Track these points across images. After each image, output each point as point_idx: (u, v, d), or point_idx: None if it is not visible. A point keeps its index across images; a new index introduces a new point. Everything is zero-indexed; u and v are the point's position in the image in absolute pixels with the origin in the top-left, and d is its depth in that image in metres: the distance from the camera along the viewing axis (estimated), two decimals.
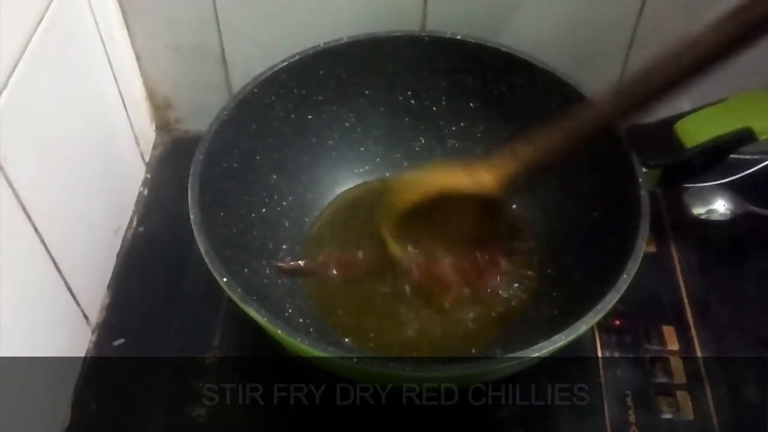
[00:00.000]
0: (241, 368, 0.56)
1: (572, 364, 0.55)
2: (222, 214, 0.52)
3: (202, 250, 0.46)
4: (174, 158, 0.70)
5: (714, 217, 0.63)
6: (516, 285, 0.57)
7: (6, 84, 0.44)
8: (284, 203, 0.60)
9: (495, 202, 0.52)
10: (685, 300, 0.59)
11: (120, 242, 0.63)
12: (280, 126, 0.58)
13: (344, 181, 0.63)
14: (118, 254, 0.63)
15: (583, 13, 0.61)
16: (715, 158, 0.52)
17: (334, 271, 0.57)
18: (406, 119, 0.63)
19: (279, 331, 0.43)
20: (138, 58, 0.66)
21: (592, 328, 0.45)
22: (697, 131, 0.51)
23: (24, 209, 0.46)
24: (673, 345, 0.56)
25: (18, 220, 0.46)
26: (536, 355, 0.42)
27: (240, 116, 0.54)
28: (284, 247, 0.58)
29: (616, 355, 0.56)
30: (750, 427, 0.52)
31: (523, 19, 0.61)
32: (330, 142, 0.62)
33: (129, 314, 0.59)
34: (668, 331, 0.57)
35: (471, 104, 0.61)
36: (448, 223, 0.54)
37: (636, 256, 0.45)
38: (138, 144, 0.67)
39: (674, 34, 0.60)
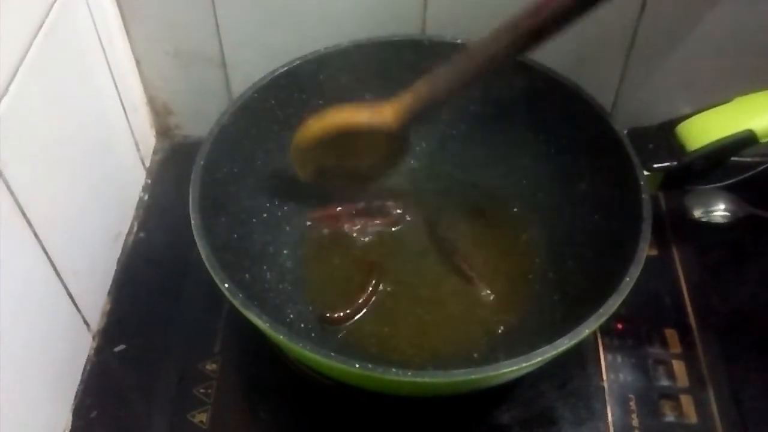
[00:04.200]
0: (243, 374, 0.55)
1: (575, 367, 0.55)
2: (223, 219, 0.52)
3: (203, 256, 0.45)
4: (174, 163, 0.70)
5: (715, 219, 0.63)
6: (517, 289, 0.57)
7: (6, 90, 0.44)
8: (285, 208, 0.60)
9: (396, 136, 0.53)
10: (687, 303, 0.59)
11: (120, 248, 0.63)
12: (281, 131, 0.58)
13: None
14: (119, 260, 0.63)
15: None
16: (716, 161, 0.52)
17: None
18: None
19: (280, 337, 0.43)
20: (138, 63, 0.66)
21: (594, 331, 0.45)
22: (698, 134, 0.51)
23: (24, 215, 0.46)
24: (676, 348, 0.56)
25: (18, 226, 0.46)
26: (539, 359, 0.42)
27: (240, 121, 0.54)
28: (285, 251, 0.58)
29: (619, 358, 0.56)
30: (753, 430, 0.52)
31: None
32: None
33: (130, 320, 0.59)
34: (671, 335, 0.57)
35: (471, 107, 0.61)
36: (351, 153, 0.55)
37: (638, 260, 0.45)
38: (138, 149, 0.67)
39: (675, 34, 0.61)
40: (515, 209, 0.61)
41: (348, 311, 0.55)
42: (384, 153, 0.56)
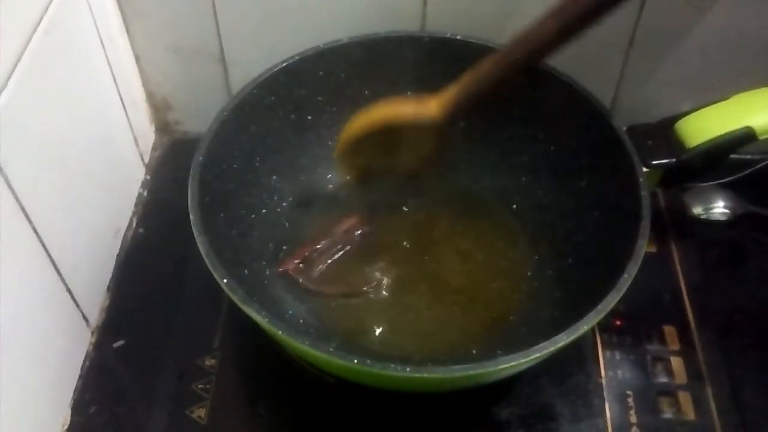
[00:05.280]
0: (242, 370, 0.55)
1: (573, 364, 0.55)
2: (222, 215, 0.52)
3: (203, 252, 0.46)
4: (173, 159, 0.70)
5: (714, 216, 0.63)
6: (516, 285, 0.57)
7: (5, 85, 0.44)
8: (284, 204, 0.60)
9: (441, 130, 0.53)
10: (686, 300, 0.59)
11: (120, 244, 0.63)
12: (280, 127, 0.58)
13: (344, 183, 0.63)
14: (118, 256, 0.63)
15: None
16: (715, 158, 0.52)
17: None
18: None
19: (279, 332, 0.43)
20: (137, 59, 0.66)
21: (592, 328, 0.45)
22: (697, 131, 0.51)
23: (23, 211, 0.46)
24: (674, 345, 0.56)
25: (17, 222, 0.46)
26: (537, 355, 0.42)
27: (239, 117, 0.54)
28: (284, 248, 0.58)
29: (617, 355, 0.56)
30: (751, 427, 0.52)
31: (523, 19, 0.61)
32: (330, 143, 0.62)
33: (129, 316, 0.59)
34: (669, 331, 0.57)
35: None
36: (397, 150, 0.55)
37: (637, 257, 0.45)
38: (137, 145, 0.67)
39: (674, 32, 0.61)
40: (514, 206, 0.61)
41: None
42: (429, 149, 0.55)
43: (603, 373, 0.55)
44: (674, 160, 0.52)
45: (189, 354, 0.56)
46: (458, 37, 0.58)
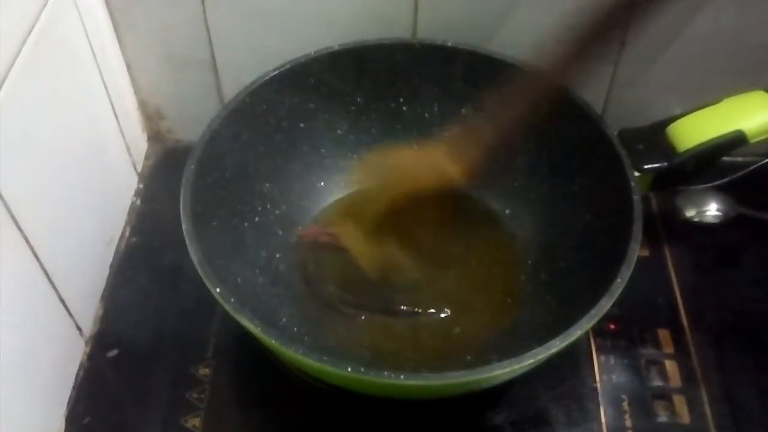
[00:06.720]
0: (236, 378, 0.55)
1: (567, 369, 0.55)
2: (214, 223, 0.52)
3: (195, 260, 0.45)
4: (166, 168, 0.70)
5: (706, 219, 0.63)
6: (509, 290, 0.57)
7: None
8: (277, 212, 0.60)
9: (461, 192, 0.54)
10: (680, 303, 0.59)
11: (113, 253, 0.63)
12: (272, 134, 0.58)
13: (337, 189, 0.63)
14: (111, 265, 0.62)
15: (573, 17, 0.61)
16: (707, 161, 0.52)
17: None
18: (398, 126, 0.63)
19: (273, 341, 0.43)
20: (129, 68, 0.66)
21: (587, 332, 0.45)
22: (689, 135, 0.51)
23: (15, 221, 0.46)
24: (669, 348, 0.56)
25: (9, 232, 0.46)
26: (531, 361, 0.42)
27: (231, 125, 0.54)
28: (277, 255, 0.58)
29: (612, 359, 0.56)
30: (746, 429, 0.52)
31: (513, 25, 0.61)
32: (322, 150, 0.62)
33: (122, 325, 0.59)
34: (663, 335, 0.57)
35: (463, 110, 0.61)
36: (418, 220, 0.56)
37: (630, 260, 0.45)
38: (130, 154, 0.67)
39: (665, 36, 0.61)
40: (507, 211, 0.61)
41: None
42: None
43: (597, 377, 0.55)
44: (666, 163, 0.52)
45: (183, 363, 0.56)
46: (449, 44, 0.58)
